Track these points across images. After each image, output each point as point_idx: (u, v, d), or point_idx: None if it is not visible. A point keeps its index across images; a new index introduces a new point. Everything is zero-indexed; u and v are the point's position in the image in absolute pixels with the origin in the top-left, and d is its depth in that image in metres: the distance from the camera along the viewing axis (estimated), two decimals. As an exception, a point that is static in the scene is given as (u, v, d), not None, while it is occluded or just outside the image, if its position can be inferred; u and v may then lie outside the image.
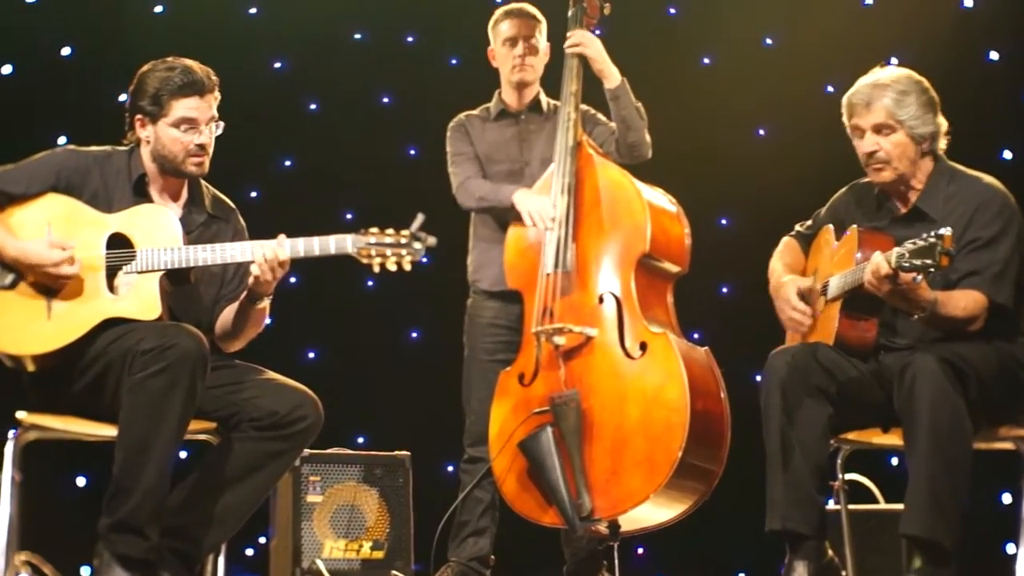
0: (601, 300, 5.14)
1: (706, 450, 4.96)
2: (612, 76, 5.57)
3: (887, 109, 4.61)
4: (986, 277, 4.48)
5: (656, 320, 5.11)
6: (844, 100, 4.73)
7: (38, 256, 4.37)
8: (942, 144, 4.70)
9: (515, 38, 5.76)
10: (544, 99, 5.81)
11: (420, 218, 4.46)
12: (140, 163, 4.60)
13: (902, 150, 4.63)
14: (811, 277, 4.89)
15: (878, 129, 4.63)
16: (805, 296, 4.80)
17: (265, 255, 4.41)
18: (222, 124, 4.61)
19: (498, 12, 5.85)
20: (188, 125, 4.53)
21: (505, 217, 5.57)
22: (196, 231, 4.61)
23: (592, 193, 5.30)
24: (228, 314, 4.67)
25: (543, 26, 5.79)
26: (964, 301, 4.44)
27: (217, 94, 4.60)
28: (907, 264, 4.18)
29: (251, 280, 4.46)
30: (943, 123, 4.68)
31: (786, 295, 4.81)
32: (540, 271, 5.27)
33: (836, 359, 4.55)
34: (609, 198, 5.28)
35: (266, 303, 4.59)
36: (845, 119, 4.74)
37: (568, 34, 5.58)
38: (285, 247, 4.44)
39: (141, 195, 4.58)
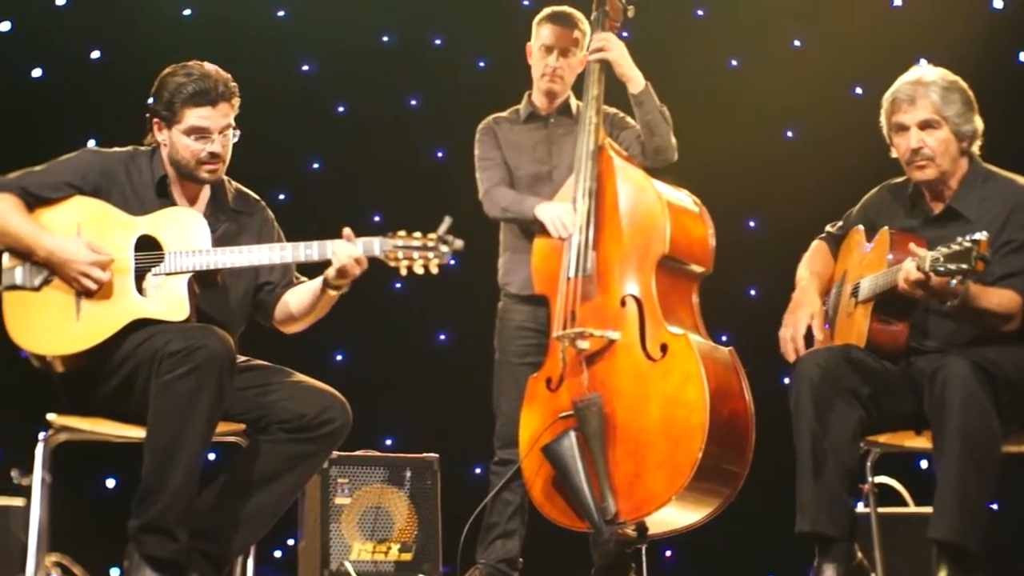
0: (623, 303, 5.13)
1: (729, 451, 4.95)
2: (636, 80, 5.54)
3: (934, 105, 4.59)
4: (1022, 279, 4.46)
5: (678, 321, 5.10)
6: (886, 96, 4.70)
7: (73, 252, 4.38)
8: (975, 147, 4.69)
9: (551, 47, 5.72)
10: (574, 103, 5.77)
11: (447, 221, 4.46)
12: (161, 165, 4.61)
13: (946, 147, 4.61)
14: (828, 294, 4.87)
15: (924, 125, 4.61)
16: (814, 325, 4.78)
17: (349, 254, 4.45)
18: (238, 132, 4.59)
19: (545, 12, 5.79)
20: (199, 134, 4.52)
21: (534, 222, 5.56)
22: (220, 229, 4.61)
23: (613, 196, 5.29)
24: (290, 299, 4.71)
25: (585, 36, 5.72)
26: (998, 298, 4.42)
27: (235, 102, 4.57)
28: (942, 268, 4.15)
29: (332, 272, 4.49)
30: (980, 124, 4.66)
31: (795, 329, 4.77)
32: (561, 276, 5.26)
33: (867, 361, 4.53)
34: (629, 201, 5.27)
35: (339, 293, 4.63)
36: (885, 117, 4.71)
37: (591, 38, 5.56)
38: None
39: (164, 196, 4.59)
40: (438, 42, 8.09)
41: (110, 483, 7.22)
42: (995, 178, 4.67)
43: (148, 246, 4.45)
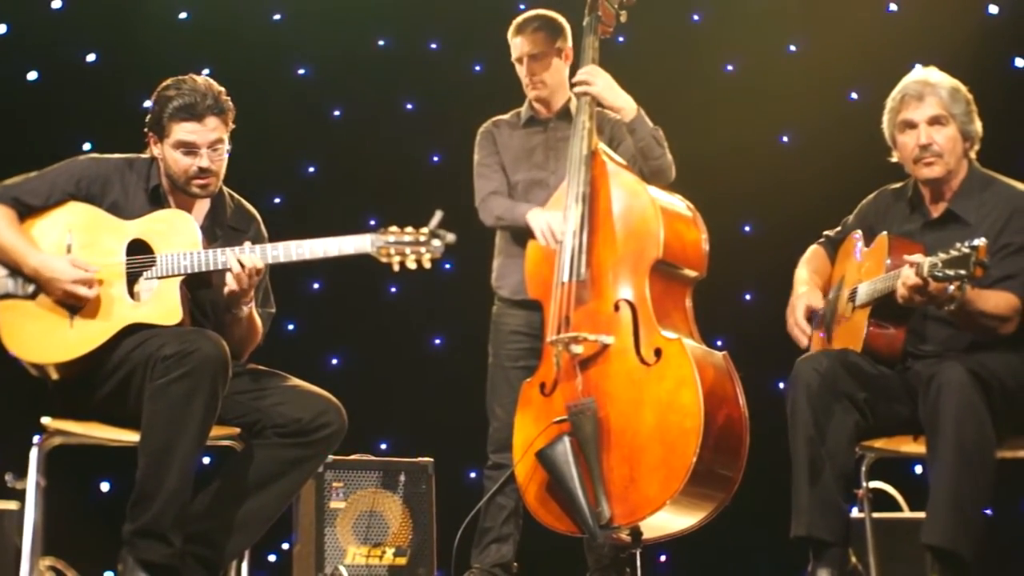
0: (617, 307, 5.12)
1: (723, 456, 4.94)
2: (626, 109, 5.50)
3: (943, 101, 4.62)
4: (1020, 281, 4.47)
5: (672, 326, 5.10)
6: (893, 95, 4.72)
7: (58, 271, 4.37)
8: (973, 152, 4.70)
9: (520, 58, 5.74)
10: (574, 105, 5.72)
11: (439, 215, 4.44)
12: (158, 175, 4.61)
13: (953, 144, 4.64)
14: (826, 297, 4.87)
15: (933, 121, 4.63)
16: (814, 314, 4.80)
17: (242, 261, 4.40)
18: (228, 147, 4.57)
19: (512, 25, 5.81)
20: (187, 148, 4.50)
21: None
22: (215, 245, 4.57)
23: (606, 201, 5.28)
24: None
25: (559, 32, 5.73)
26: (995, 300, 4.42)
27: (227, 117, 4.55)
28: (940, 274, 4.15)
29: (226, 289, 4.44)
30: (980, 128, 4.68)
31: (794, 313, 4.82)
32: (555, 280, 5.26)
33: (864, 366, 4.54)
34: (622, 205, 5.26)
35: (247, 311, 4.55)
36: (890, 115, 4.72)
37: (585, 44, 5.54)
38: (256, 252, 4.42)
39: (157, 205, 4.58)
40: (434, 46, 8.10)
41: (104, 487, 7.21)
42: (995, 183, 4.69)
43: (140, 250, 4.45)
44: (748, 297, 7.93)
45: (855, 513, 4.90)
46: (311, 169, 7.93)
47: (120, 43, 7.51)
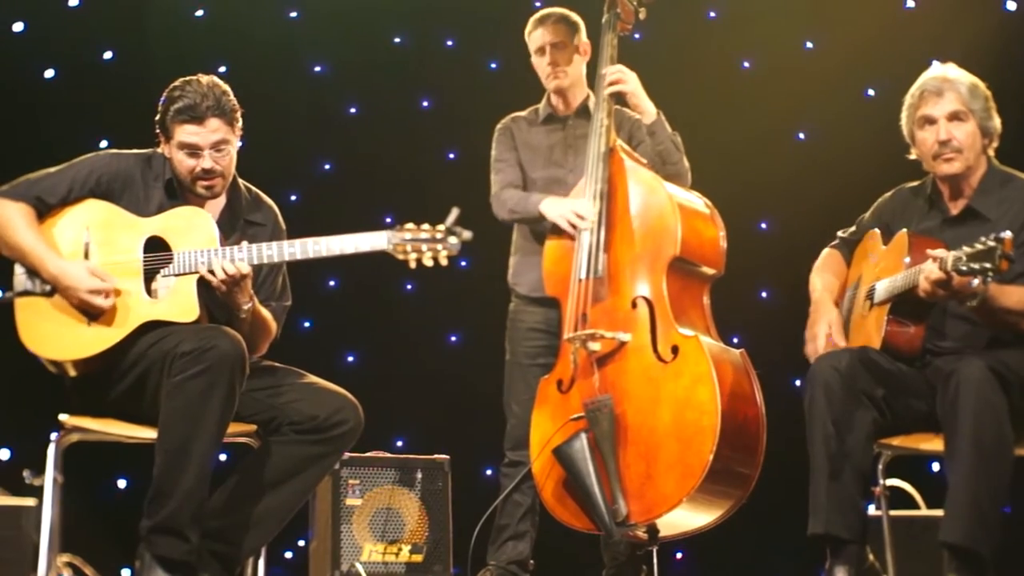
0: (634, 305, 5.12)
1: (740, 453, 4.94)
2: (648, 112, 5.52)
3: (962, 97, 4.61)
4: None
5: (689, 323, 5.10)
6: (912, 91, 4.71)
7: (76, 279, 4.38)
8: (991, 149, 4.69)
9: (542, 47, 5.74)
10: (592, 102, 5.71)
11: (455, 212, 4.44)
12: (173, 170, 4.61)
13: (973, 140, 4.63)
14: (842, 299, 4.85)
15: (952, 117, 4.62)
16: (833, 332, 4.77)
17: (225, 268, 4.39)
18: (232, 148, 4.56)
19: (530, 20, 5.82)
20: (189, 150, 4.51)
21: (544, 223, 5.54)
22: (233, 239, 4.59)
23: (623, 198, 5.28)
24: None
25: (577, 28, 5.75)
26: (1018, 295, 4.41)
27: (232, 117, 4.54)
28: (964, 268, 4.13)
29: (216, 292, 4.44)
30: (999, 125, 4.67)
31: (815, 341, 4.77)
32: (572, 277, 5.26)
33: (882, 363, 4.52)
34: (640, 202, 5.26)
35: (246, 311, 4.51)
36: (908, 112, 4.70)
37: (603, 71, 5.51)
38: (234, 255, 4.40)
39: (175, 200, 4.59)
40: (450, 43, 8.09)
41: (122, 484, 7.22)
42: (1014, 179, 4.68)
43: (157, 247, 4.46)
44: (765, 294, 7.92)
45: (872, 511, 4.89)
46: (327, 166, 7.93)
47: (137, 41, 7.51)
